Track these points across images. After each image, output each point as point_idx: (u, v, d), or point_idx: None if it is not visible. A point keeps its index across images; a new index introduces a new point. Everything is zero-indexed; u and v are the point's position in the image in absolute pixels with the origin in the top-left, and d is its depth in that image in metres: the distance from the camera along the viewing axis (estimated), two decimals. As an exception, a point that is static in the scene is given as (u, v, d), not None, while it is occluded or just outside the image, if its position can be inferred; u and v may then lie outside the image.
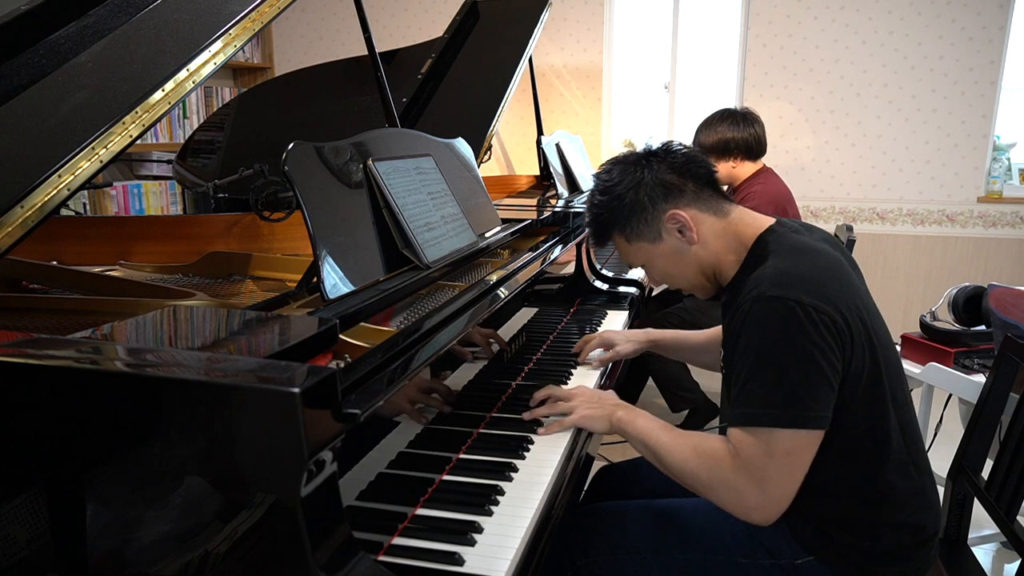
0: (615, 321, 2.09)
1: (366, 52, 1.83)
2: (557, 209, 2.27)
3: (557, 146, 2.91)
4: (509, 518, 1.03)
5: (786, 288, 1.10)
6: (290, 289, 1.26)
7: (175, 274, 1.57)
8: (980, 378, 2.04)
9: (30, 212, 0.93)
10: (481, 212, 1.73)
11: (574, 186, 2.88)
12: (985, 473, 1.54)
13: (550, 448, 1.24)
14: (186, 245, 1.67)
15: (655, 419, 1.26)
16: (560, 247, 1.94)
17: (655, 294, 3.03)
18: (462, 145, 1.82)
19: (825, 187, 4.08)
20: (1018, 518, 1.40)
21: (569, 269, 2.21)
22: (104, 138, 1.01)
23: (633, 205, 1.28)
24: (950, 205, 3.94)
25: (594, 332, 1.82)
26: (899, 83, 3.88)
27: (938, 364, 2.14)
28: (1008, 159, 3.92)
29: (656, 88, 4.36)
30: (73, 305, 1.18)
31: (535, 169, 3.30)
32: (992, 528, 1.79)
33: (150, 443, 0.74)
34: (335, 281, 1.13)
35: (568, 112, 4.38)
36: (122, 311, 1.11)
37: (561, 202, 2.51)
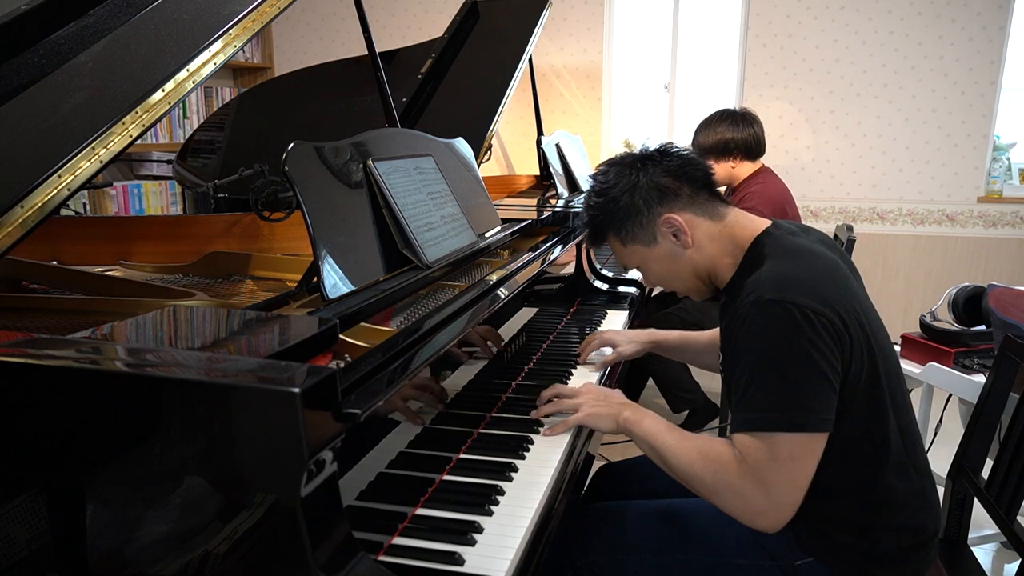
0: (615, 321, 2.09)
1: (366, 52, 1.83)
2: (557, 209, 2.27)
3: (557, 146, 2.91)
4: (509, 518, 1.03)
5: (784, 291, 1.10)
6: (290, 289, 1.26)
7: (175, 274, 1.57)
8: (980, 378, 2.04)
9: (30, 212, 0.93)
10: (481, 212, 1.73)
11: (574, 186, 2.87)
12: (985, 473, 1.54)
13: (550, 448, 1.24)
14: (186, 245, 1.67)
15: (662, 420, 1.25)
16: (560, 247, 1.94)
17: (655, 294, 3.03)
18: (462, 145, 1.82)
19: (825, 187, 4.08)
20: (1018, 518, 1.40)
21: (569, 269, 2.21)
22: (104, 138, 1.01)
23: (628, 208, 1.28)
24: (950, 205, 3.93)
25: (594, 332, 1.82)
26: (899, 83, 3.88)
27: (938, 364, 2.14)
28: (1008, 159, 3.92)
29: (656, 88, 4.35)
30: (73, 305, 1.18)
31: (535, 169, 3.30)
32: (992, 528, 1.79)
33: (150, 443, 0.74)
34: (335, 281, 1.13)
35: (568, 112, 4.38)
36: (122, 311, 1.11)
37: (561, 202, 2.50)
